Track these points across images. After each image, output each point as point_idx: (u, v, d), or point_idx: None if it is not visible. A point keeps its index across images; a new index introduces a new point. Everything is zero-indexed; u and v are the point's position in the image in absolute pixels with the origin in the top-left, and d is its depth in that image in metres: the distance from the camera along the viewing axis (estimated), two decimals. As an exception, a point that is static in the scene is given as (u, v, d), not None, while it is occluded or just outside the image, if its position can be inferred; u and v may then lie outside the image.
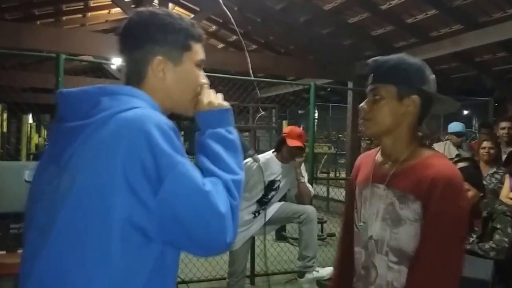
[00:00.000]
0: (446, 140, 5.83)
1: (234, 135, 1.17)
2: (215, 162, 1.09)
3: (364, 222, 1.46)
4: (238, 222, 1.04)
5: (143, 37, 1.13)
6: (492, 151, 4.26)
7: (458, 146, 5.34)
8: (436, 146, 5.59)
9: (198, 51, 1.19)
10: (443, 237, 1.28)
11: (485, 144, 4.33)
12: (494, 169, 4.22)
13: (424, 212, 1.31)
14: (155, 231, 0.96)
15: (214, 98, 1.20)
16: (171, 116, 1.10)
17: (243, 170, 1.14)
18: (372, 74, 1.43)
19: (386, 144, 1.45)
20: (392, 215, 1.38)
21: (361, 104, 1.44)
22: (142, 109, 1.03)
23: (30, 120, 11.33)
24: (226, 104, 1.20)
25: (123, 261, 0.95)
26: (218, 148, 1.11)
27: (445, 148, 5.37)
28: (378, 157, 1.52)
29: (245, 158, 1.29)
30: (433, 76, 1.44)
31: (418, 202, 1.32)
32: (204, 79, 1.22)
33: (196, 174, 0.99)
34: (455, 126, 5.47)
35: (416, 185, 1.33)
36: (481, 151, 4.32)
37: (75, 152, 1.01)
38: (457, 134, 5.40)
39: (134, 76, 1.14)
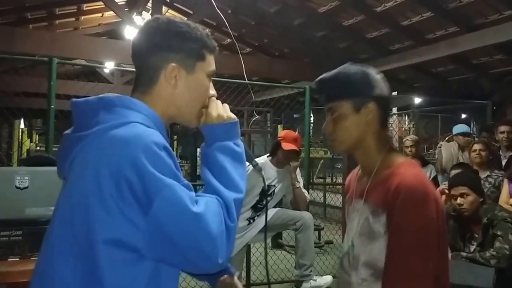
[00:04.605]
0: (444, 142, 5.80)
1: (241, 147, 1.18)
2: (219, 177, 1.09)
3: (352, 242, 1.43)
4: (233, 243, 1.05)
5: (160, 43, 1.14)
6: (483, 153, 4.20)
7: (464, 148, 5.27)
8: (444, 145, 5.57)
9: (211, 62, 1.20)
10: (404, 248, 1.25)
11: (476, 146, 4.28)
12: (487, 173, 4.13)
13: (389, 223, 1.29)
14: (146, 249, 0.97)
15: (222, 111, 1.20)
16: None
17: (245, 182, 1.14)
18: (324, 94, 1.43)
19: (359, 158, 1.47)
20: (367, 230, 1.36)
21: (323, 126, 1.45)
22: (135, 126, 1.03)
23: (22, 125, 11.25)
24: (234, 116, 1.21)
25: (113, 278, 0.96)
26: (224, 161, 1.11)
27: (453, 149, 5.36)
28: (359, 172, 1.53)
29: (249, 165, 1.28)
30: (380, 75, 1.43)
31: (385, 213, 1.31)
32: (212, 91, 1.22)
33: (185, 196, 0.98)
34: (460, 127, 5.47)
35: (384, 197, 1.32)
36: (472, 154, 4.27)
37: (71, 163, 1.05)
38: (463, 134, 5.37)
39: (145, 81, 1.15)
